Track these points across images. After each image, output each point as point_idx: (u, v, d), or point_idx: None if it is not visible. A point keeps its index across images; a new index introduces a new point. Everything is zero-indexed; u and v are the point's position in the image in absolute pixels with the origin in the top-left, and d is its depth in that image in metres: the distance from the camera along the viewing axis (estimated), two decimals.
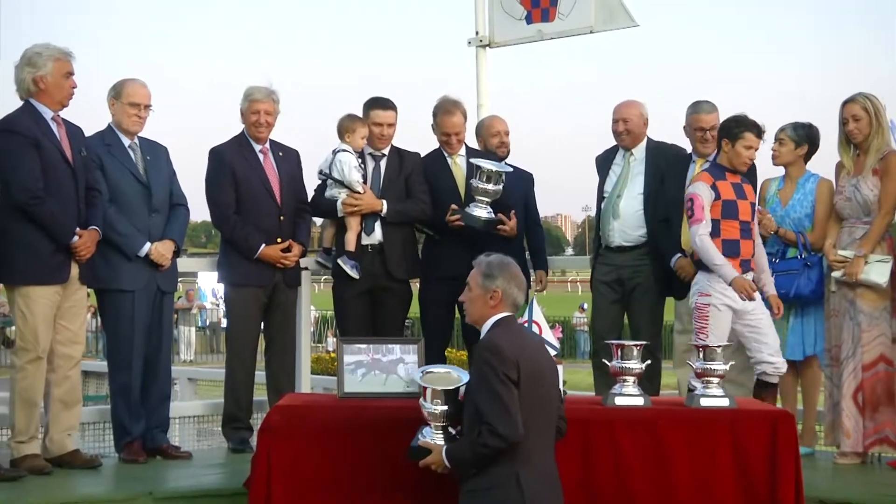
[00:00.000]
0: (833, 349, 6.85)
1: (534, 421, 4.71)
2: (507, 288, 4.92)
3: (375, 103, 7.45)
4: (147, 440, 6.86)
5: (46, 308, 6.31)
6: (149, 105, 6.90)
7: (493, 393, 4.64)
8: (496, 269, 4.97)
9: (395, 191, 7.37)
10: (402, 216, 7.34)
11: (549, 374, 4.88)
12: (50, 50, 6.41)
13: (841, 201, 6.84)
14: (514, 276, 4.97)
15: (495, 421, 4.61)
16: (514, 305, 4.96)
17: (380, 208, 7.26)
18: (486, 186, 7.12)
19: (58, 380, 6.50)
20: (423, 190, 7.42)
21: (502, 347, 4.70)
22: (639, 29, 8.78)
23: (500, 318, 4.91)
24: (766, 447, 5.48)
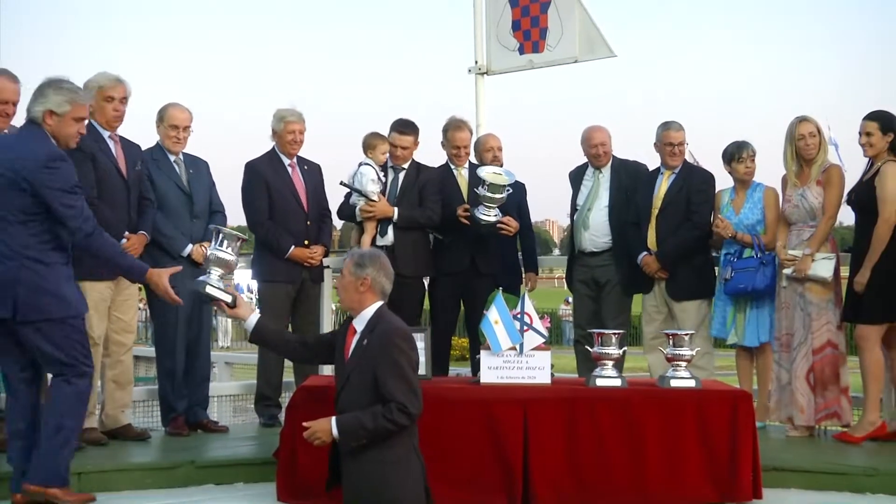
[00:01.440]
0: (783, 337, 6.87)
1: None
2: (375, 276, 4.89)
3: (395, 127, 7.45)
4: (189, 416, 6.87)
5: (99, 300, 6.30)
6: (188, 126, 6.90)
7: (404, 376, 4.63)
8: (367, 260, 4.94)
9: (408, 199, 7.37)
10: (411, 221, 7.33)
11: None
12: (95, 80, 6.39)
13: (789, 208, 6.89)
14: (383, 266, 4.95)
15: (407, 401, 4.59)
16: (383, 293, 4.94)
17: (391, 214, 7.27)
18: (492, 195, 7.12)
19: (112, 363, 6.51)
20: (434, 200, 7.41)
21: (410, 335, 4.75)
22: (617, 59, 8.79)
23: (379, 306, 4.90)
24: (728, 422, 5.49)
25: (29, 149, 5.01)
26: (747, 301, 7.04)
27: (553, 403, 5.53)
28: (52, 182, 4.94)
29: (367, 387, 4.68)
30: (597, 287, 7.57)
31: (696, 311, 7.21)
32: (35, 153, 4.98)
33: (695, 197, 7.27)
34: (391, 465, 4.65)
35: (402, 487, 4.65)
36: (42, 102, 5.08)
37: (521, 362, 5.68)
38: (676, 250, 7.23)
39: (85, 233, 5.04)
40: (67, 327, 5.06)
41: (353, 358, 4.84)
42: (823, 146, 6.85)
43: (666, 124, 7.43)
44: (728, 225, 7.05)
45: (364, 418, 4.62)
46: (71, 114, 5.11)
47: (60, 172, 4.98)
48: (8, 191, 4.96)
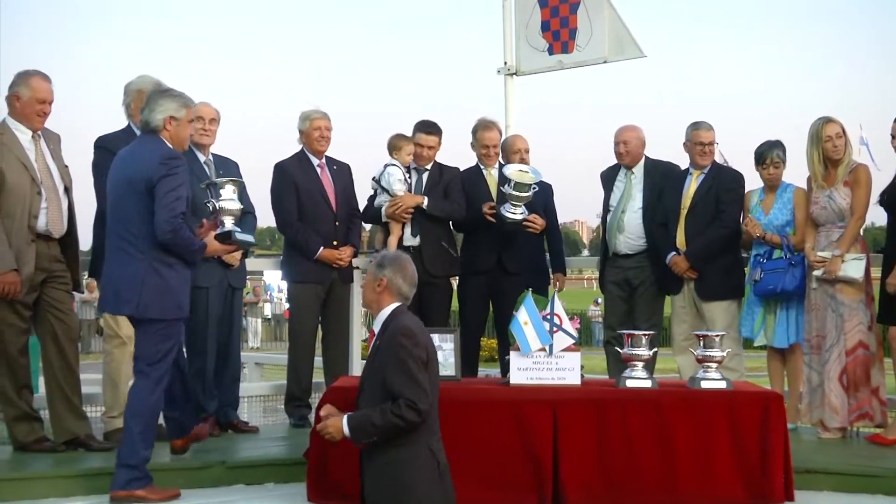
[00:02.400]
0: (813, 339, 6.82)
1: (434, 399, 4.70)
2: (392, 278, 4.85)
3: (420, 127, 7.50)
4: (220, 416, 6.88)
5: None
6: (214, 119, 6.91)
7: (409, 372, 4.58)
8: (387, 261, 4.93)
9: (434, 195, 7.41)
10: (440, 211, 7.36)
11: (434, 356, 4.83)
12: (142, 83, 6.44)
13: (817, 210, 6.83)
14: (402, 269, 4.89)
15: (414, 397, 4.55)
16: (400, 294, 4.87)
17: (421, 202, 7.29)
18: (518, 193, 7.15)
19: None
20: (459, 195, 7.45)
21: (415, 332, 4.68)
22: (647, 59, 8.77)
23: (395, 307, 4.84)
24: (759, 424, 5.46)
25: (148, 151, 5.41)
26: (777, 302, 7.00)
27: (583, 404, 5.52)
28: (165, 175, 5.30)
29: (378, 388, 4.68)
30: (630, 288, 7.54)
31: (725, 311, 7.17)
32: (153, 154, 5.37)
33: (724, 196, 7.24)
34: (403, 463, 4.63)
35: (414, 487, 4.62)
36: (161, 111, 5.48)
37: (550, 363, 5.66)
38: (705, 250, 7.20)
39: (171, 227, 5.28)
40: (173, 329, 5.47)
41: (368, 360, 4.87)
42: (849, 146, 6.81)
43: (696, 124, 7.40)
44: (757, 225, 7.02)
45: (373, 415, 4.61)
46: (186, 116, 5.57)
47: (175, 169, 5.36)
48: (131, 196, 5.34)
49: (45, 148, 6.10)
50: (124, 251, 5.37)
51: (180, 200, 5.35)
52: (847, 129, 6.92)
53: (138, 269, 5.33)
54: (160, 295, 5.35)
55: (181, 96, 5.60)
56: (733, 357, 6.80)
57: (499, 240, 7.40)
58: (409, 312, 4.89)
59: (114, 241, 5.44)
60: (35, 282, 5.98)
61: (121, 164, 5.52)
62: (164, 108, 5.50)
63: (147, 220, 5.31)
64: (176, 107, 5.52)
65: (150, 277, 5.33)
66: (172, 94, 5.60)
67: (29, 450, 6.03)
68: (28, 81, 6.04)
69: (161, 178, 5.30)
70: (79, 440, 6.10)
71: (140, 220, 5.34)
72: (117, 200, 5.45)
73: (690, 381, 5.77)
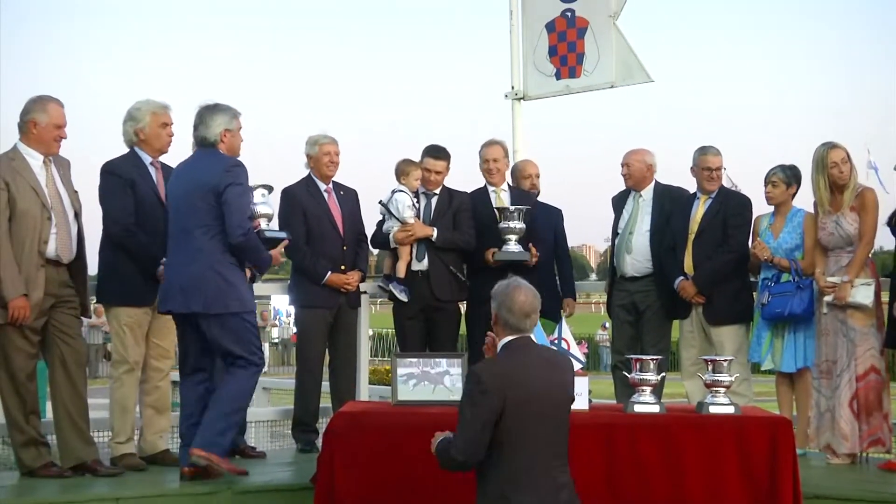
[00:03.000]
0: (823, 363, 6.79)
1: (526, 443, 4.40)
2: (498, 310, 4.55)
3: (429, 152, 7.52)
4: None
5: (135, 325, 6.37)
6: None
7: (463, 414, 4.42)
8: (495, 292, 4.63)
9: (443, 223, 7.42)
10: (449, 243, 7.39)
11: (548, 397, 4.48)
12: (148, 105, 6.51)
13: (825, 236, 6.83)
14: (507, 297, 4.52)
15: (458, 439, 4.43)
16: (510, 326, 4.52)
17: (431, 234, 7.32)
18: (513, 225, 7.22)
19: (150, 389, 6.55)
20: (469, 224, 7.46)
21: (482, 377, 4.36)
22: (654, 84, 8.80)
23: (507, 341, 4.54)
24: (767, 449, 5.42)
25: (210, 163, 5.86)
26: (785, 326, 6.99)
27: (591, 430, 5.49)
28: (232, 183, 5.73)
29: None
30: (637, 313, 7.55)
31: (733, 336, 7.17)
32: (217, 164, 5.82)
33: (731, 221, 7.26)
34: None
35: None
36: (217, 125, 5.92)
37: None
38: (712, 275, 7.20)
39: (242, 231, 5.74)
40: (244, 322, 5.87)
41: None
42: (854, 171, 6.81)
43: (703, 149, 7.42)
44: (765, 248, 7.03)
45: (444, 446, 4.54)
46: (238, 126, 6.03)
47: (240, 176, 5.81)
48: (195, 204, 5.77)
49: (56, 173, 6.13)
50: (190, 256, 5.79)
51: (248, 205, 5.87)
52: (853, 153, 6.91)
53: (201, 269, 5.77)
54: (223, 291, 5.77)
55: (230, 109, 6.00)
56: (742, 382, 6.79)
57: (505, 267, 7.39)
58: (514, 349, 4.52)
59: (178, 246, 5.88)
60: (44, 307, 5.99)
61: (182, 177, 5.96)
62: (219, 122, 5.91)
63: (209, 225, 5.76)
64: (228, 119, 5.95)
65: (212, 275, 5.77)
66: (221, 107, 5.98)
67: (36, 475, 6.02)
68: (45, 107, 6.08)
69: (228, 186, 5.72)
70: (86, 466, 6.10)
71: (206, 225, 5.77)
72: (180, 209, 5.88)
73: (699, 407, 5.75)
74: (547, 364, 4.56)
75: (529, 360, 4.51)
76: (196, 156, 6.03)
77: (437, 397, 5.75)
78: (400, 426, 5.49)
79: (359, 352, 7.68)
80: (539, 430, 4.44)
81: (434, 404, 5.69)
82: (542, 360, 4.55)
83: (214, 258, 5.78)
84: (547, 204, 7.90)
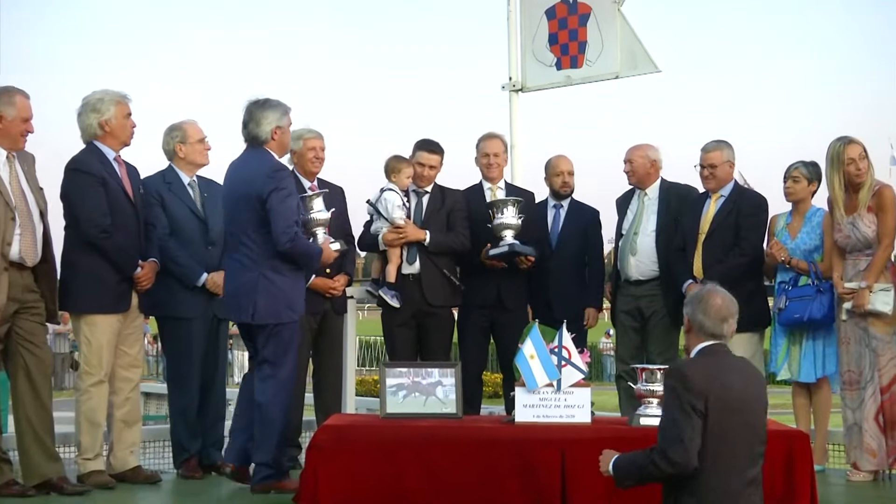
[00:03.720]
0: (846, 373, 6.77)
1: (720, 454, 4.33)
2: (692, 315, 4.58)
3: (423, 145, 7.54)
4: (203, 457, 6.88)
5: (110, 335, 6.36)
6: (202, 139, 7.03)
7: (671, 418, 4.36)
8: (690, 298, 4.70)
9: (435, 224, 7.43)
10: (443, 247, 7.39)
11: (748, 406, 4.40)
12: (111, 95, 6.50)
13: (841, 238, 6.79)
14: (702, 302, 4.58)
15: (668, 445, 4.32)
16: (705, 331, 4.54)
17: (423, 238, 7.32)
18: (507, 220, 7.24)
19: (119, 401, 6.54)
20: (463, 225, 7.48)
21: (688, 375, 4.35)
22: (661, 74, 8.79)
23: (702, 347, 4.55)
24: (783, 465, 5.42)
25: (256, 165, 6.05)
26: (803, 333, 6.99)
27: (593, 444, 5.47)
28: (276, 188, 5.92)
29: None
30: (642, 319, 7.56)
31: (746, 344, 7.11)
32: (262, 167, 6.02)
33: (744, 222, 7.24)
34: None
35: None
36: (267, 122, 6.12)
37: (558, 400, 5.67)
38: (722, 278, 7.08)
39: (288, 237, 5.92)
40: (289, 331, 6.08)
41: None
42: (871, 168, 6.77)
43: (704, 145, 7.43)
44: (782, 248, 7.01)
45: (636, 458, 4.48)
46: (289, 123, 6.24)
47: (282, 179, 6.00)
48: (244, 209, 6.01)
49: (20, 170, 6.11)
50: (239, 262, 6.05)
51: (293, 210, 6.04)
52: (873, 147, 6.88)
53: (252, 278, 6.00)
54: (272, 299, 5.99)
55: (280, 105, 6.19)
56: None
57: (498, 274, 7.44)
58: (715, 353, 4.53)
59: (230, 252, 6.18)
60: (7, 313, 5.97)
61: (232, 177, 6.21)
62: (270, 120, 6.12)
63: (258, 231, 5.98)
64: (279, 115, 6.15)
65: (262, 284, 5.98)
66: (272, 104, 6.17)
67: None
68: (12, 99, 6.06)
69: (272, 192, 5.91)
70: (51, 483, 6.08)
71: (252, 230, 5.99)
72: (231, 213, 6.18)
73: None
74: (744, 373, 4.54)
75: (728, 366, 4.50)
76: (244, 156, 6.21)
77: (428, 410, 5.76)
78: (389, 441, 5.50)
79: (345, 361, 7.68)
80: (736, 443, 4.37)
81: (426, 417, 5.71)
82: (740, 369, 4.54)
83: (264, 265, 6.00)
84: (581, 203, 7.95)
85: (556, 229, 7.84)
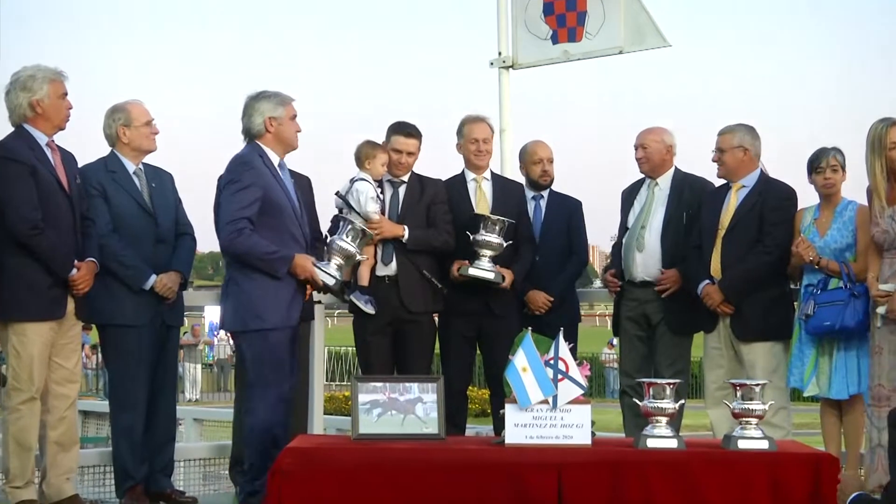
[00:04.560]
0: (876, 387, 6.74)
1: None
2: None
3: (398, 129, 7.48)
4: (150, 484, 6.84)
5: (42, 345, 6.30)
6: (150, 121, 6.98)
7: None
8: None
9: (414, 219, 7.39)
10: (424, 244, 7.36)
11: None
12: (43, 71, 6.44)
13: (878, 233, 6.73)
14: None
15: None
16: None
17: (402, 234, 7.29)
18: (490, 238, 7.25)
19: (53, 421, 6.48)
20: (445, 220, 7.44)
21: None
22: (671, 49, 8.79)
23: None
24: (809, 492, 5.44)
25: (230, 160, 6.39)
26: (833, 343, 6.97)
27: (594, 469, 5.51)
28: (229, 182, 6.25)
29: None
30: (648, 326, 7.56)
31: (767, 355, 7.16)
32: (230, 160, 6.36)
33: (770, 216, 7.22)
34: None
35: None
36: (259, 114, 6.40)
37: (554, 419, 5.66)
38: (743, 280, 7.18)
39: (226, 234, 6.19)
40: (260, 341, 6.27)
41: None
42: None
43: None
44: (810, 246, 6.97)
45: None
46: (287, 114, 6.46)
47: (237, 171, 6.26)
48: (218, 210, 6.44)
49: None
50: (224, 266, 6.59)
51: (245, 204, 6.19)
52: None
53: (224, 283, 6.46)
54: (238, 306, 6.28)
55: (276, 94, 6.44)
56: (778, 411, 6.79)
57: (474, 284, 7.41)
58: None
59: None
60: None
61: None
62: (261, 111, 6.39)
63: None
64: (272, 106, 6.40)
65: (231, 289, 6.34)
66: (266, 94, 6.44)
67: None
68: None
69: (226, 185, 6.27)
70: None
71: None
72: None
73: (725, 441, 5.77)
74: None
75: None
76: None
77: (406, 430, 5.76)
78: (362, 466, 5.49)
79: (312, 374, 7.68)
80: None
81: (403, 438, 5.70)
82: None
83: (233, 267, 6.34)
84: (561, 193, 7.99)
85: (537, 224, 7.85)
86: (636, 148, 7.68)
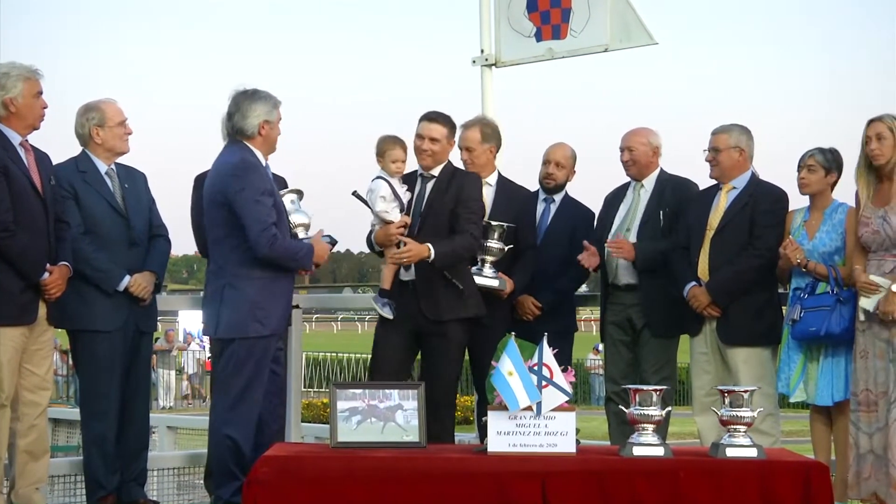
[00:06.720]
0: (861, 393, 6.73)
1: None
2: None
3: (423, 116, 7.33)
4: (122, 494, 6.83)
5: (12, 351, 6.28)
6: (124, 121, 6.96)
7: None
8: None
9: (434, 220, 7.21)
10: (452, 258, 7.14)
11: None
12: (18, 69, 6.42)
13: (867, 234, 6.74)
14: None
15: None
16: None
17: (427, 255, 7.02)
18: (492, 244, 7.27)
19: (23, 429, 6.45)
20: (468, 219, 7.17)
21: None
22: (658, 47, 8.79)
23: None
24: (799, 501, 5.46)
25: (223, 162, 6.48)
26: (820, 349, 6.97)
27: (579, 478, 5.52)
28: (241, 189, 6.29)
29: None
30: (633, 331, 7.57)
31: (755, 360, 7.17)
32: (227, 164, 6.42)
33: (760, 218, 7.24)
34: None
35: None
36: (254, 116, 6.50)
37: (538, 426, 5.67)
38: (732, 282, 7.19)
39: (266, 241, 6.26)
40: (256, 348, 6.40)
41: None
42: None
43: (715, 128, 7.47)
44: (798, 249, 6.97)
45: None
46: (278, 118, 6.63)
47: (248, 178, 6.33)
48: (213, 208, 6.46)
49: None
50: (212, 272, 6.52)
51: (268, 209, 6.33)
52: None
53: (217, 288, 6.45)
54: (237, 311, 6.34)
55: (271, 97, 6.57)
56: (766, 418, 6.83)
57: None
58: None
59: (209, 259, 6.63)
60: None
61: (210, 178, 6.58)
62: (258, 113, 6.50)
63: (223, 234, 6.42)
64: (269, 109, 6.54)
65: (228, 293, 6.39)
66: (262, 95, 6.55)
67: None
68: None
69: (237, 192, 6.28)
70: None
71: (218, 234, 6.47)
72: (206, 218, 6.59)
73: (713, 449, 5.79)
74: None
75: None
76: (222, 152, 6.61)
77: (386, 438, 5.76)
78: (340, 474, 5.50)
79: (289, 380, 7.65)
80: None
81: (383, 447, 5.71)
82: None
83: (231, 272, 6.41)
84: (575, 200, 7.99)
85: (543, 226, 7.85)
86: (622, 150, 7.68)
